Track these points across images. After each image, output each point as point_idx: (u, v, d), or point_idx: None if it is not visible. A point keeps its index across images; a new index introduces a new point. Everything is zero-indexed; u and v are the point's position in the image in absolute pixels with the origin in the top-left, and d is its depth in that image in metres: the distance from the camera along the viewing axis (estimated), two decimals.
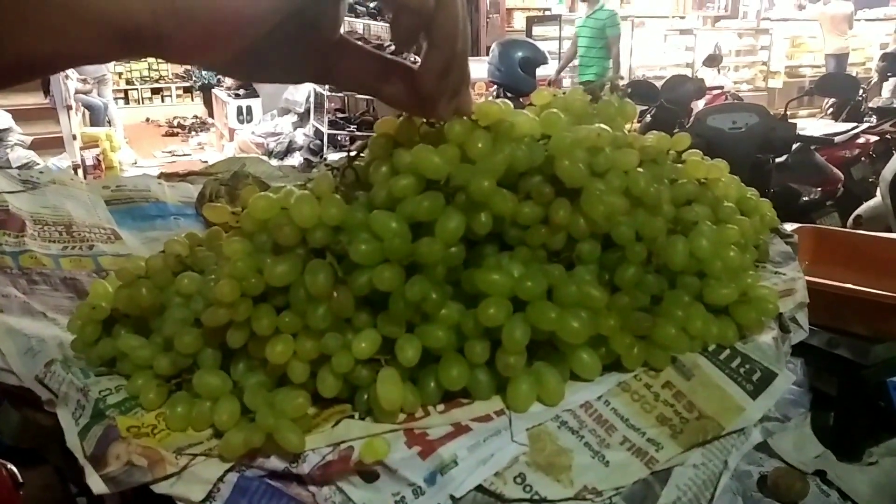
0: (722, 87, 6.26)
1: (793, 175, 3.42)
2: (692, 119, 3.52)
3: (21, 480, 0.98)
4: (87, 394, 0.47)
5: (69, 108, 6.08)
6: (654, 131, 0.64)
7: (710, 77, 6.89)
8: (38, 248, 0.70)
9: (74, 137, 6.25)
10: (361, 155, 0.55)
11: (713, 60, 6.89)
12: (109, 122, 7.87)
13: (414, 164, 0.48)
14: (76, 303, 0.63)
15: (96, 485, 0.42)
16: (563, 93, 0.61)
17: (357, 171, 0.53)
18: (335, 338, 0.45)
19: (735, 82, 8.60)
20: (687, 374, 0.49)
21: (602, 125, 0.53)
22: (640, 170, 0.53)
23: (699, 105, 5.05)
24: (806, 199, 3.48)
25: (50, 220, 0.75)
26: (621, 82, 0.64)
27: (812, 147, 3.51)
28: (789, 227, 1.45)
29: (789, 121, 3.49)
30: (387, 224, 0.45)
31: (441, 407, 0.46)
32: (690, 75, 7.65)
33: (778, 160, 3.29)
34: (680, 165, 0.62)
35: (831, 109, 5.44)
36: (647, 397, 0.47)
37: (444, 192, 0.46)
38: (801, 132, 3.45)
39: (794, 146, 3.37)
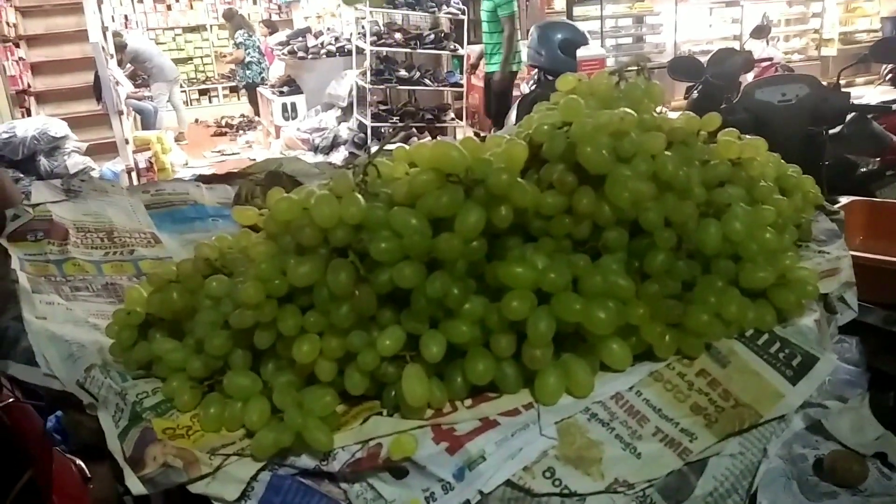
0: (771, 59, 6.07)
1: (849, 146, 3.29)
2: (739, 93, 3.42)
3: (89, 475, 1.02)
4: (125, 397, 0.49)
5: (121, 113, 6.24)
6: (691, 114, 0.62)
7: (758, 49, 6.68)
8: (81, 255, 0.72)
9: (127, 142, 6.41)
10: (386, 150, 0.55)
11: (761, 31, 6.66)
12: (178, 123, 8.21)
13: (433, 158, 0.47)
14: (117, 307, 0.65)
15: (135, 486, 0.43)
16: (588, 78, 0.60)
17: (378, 167, 0.53)
18: (360, 336, 0.45)
19: (785, 53, 8.33)
20: (722, 361, 0.48)
21: (627, 109, 0.51)
22: (668, 153, 0.51)
23: (748, 79, 4.90)
24: (864, 170, 3.35)
25: (92, 227, 0.77)
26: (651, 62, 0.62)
27: (869, 116, 3.37)
28: (844, 199, 1.40)
29: (843, 90, 3.36)
30: (406, 221, 0.45)
31: (468, 401, 0.46)
32: (738, 48, 7.43)
33: (832, 131, 3.18)
34: (712, 146, 0.60)
35: (890, 76, 5.22)
36: (681, 386, 0.46)
37: (463, 185, 0.46)
38: (856, 101, 3.32)
39: (849, 116, 3.25)
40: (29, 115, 6.41)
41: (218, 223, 0.88)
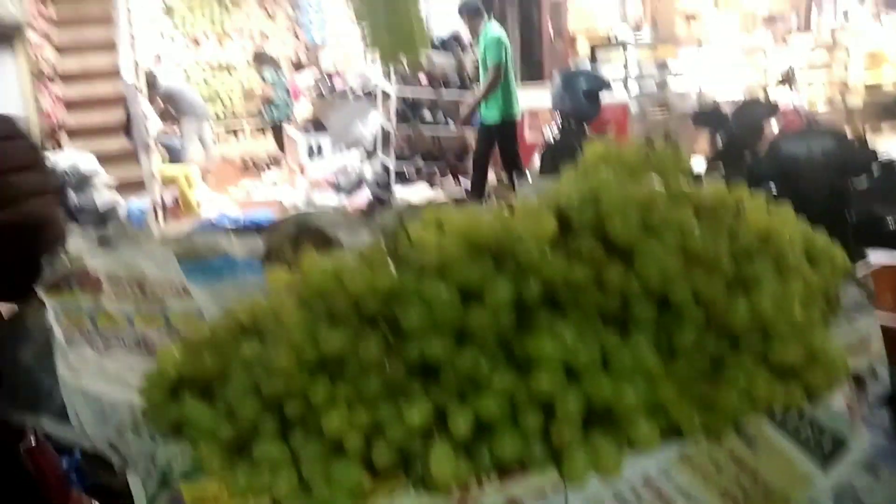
0: (795, 107, 6.07)
1: (878, 200, 3.27)
2: (764, 143, 3.43)
3: None
4: (155, 460, 0.49)
5: (149, 149, 6.38)
6: (719, 182, 0.63)
7: (782, 97, 6.70)
8: (113, 306, 0.73)
9: (154, 177, 6.54)
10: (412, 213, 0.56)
11: (786, 80, 6.71)
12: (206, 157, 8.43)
13: (463, 227, 0.48)
14: (147, 362, 0.65)
15: None
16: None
17: (408, 232, 0.53)
18: (388, 408, 0.45)
19: (810, 101, 8.33)
20: (751, 443, 0.48)
21: (655, 181, 0.52)
22: (696, 226, 0.52)
23: (772, 125, 4.91)
24: (892, 223, 3.32)
25: (124, 278, 0.79)
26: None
27: None
28: (872, 257, 1.38)
29: (869, 141, 3.35)
30: (436, 291, 0.46)
31: (495, 479, 0.46)
32: (762, 95, 7.46)
33: (859, 185, 3.16)
34: (740, 217, 0.60)
35: None
36: (710, 469, 0.46)
37: (493, 256, 0.47)
38: (883, 153, 3.31)
39: (876, 169, 3.23)
40: (60, 149, 6.57)
41: (247, 276, 0.89)
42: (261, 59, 9.46)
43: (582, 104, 4.00)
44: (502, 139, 5.54)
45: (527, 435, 0.45)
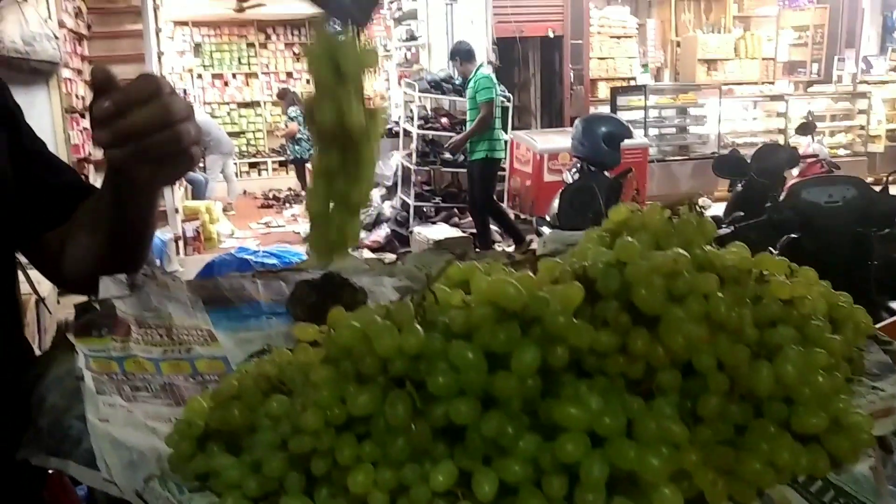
0: (816, 156, 6.07)
1: None
2: (785, 192, 3.43)
3: None
4: None
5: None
6: (742, 247, 0.63)
7: (803, 145, 6.70)
8: (141, 352, 0.75)
9: (177, 211, 6.63)
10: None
11: (806, 129, 6.70)
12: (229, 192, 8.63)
13: (490, 292, 0.49)
14: (174, 410, 0.66)
15: None
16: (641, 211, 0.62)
17: (435, 293, 0.55)
18: (413, 469, 0.46)
19: (831, 148, 8.32)
20: None
21: (680, 249, 0.53)
22: (720, 294, 0.52)
23: (792, 174, 4.90)
24: None
25: (152, 323, 0.80)
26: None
27: None
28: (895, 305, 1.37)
29: (890, 190, 3.34)
30: (463, 355, 0.46)
31: None
32: (782, 142, 7.46)
33: (881, 232, 3.15)
34: (764, 284, 0.60)
35: None
36: None
37: (520, 322, 0.47)
38: None
39: None
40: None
41: (272, 321, 0.90)
42: (286, 97, 9.65)
43: (602, 152, 4.02)
44: (482, 178, 5.75)
45: (551, 499, 0.46)
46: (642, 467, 0.45)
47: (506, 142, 6.03)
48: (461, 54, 6.12)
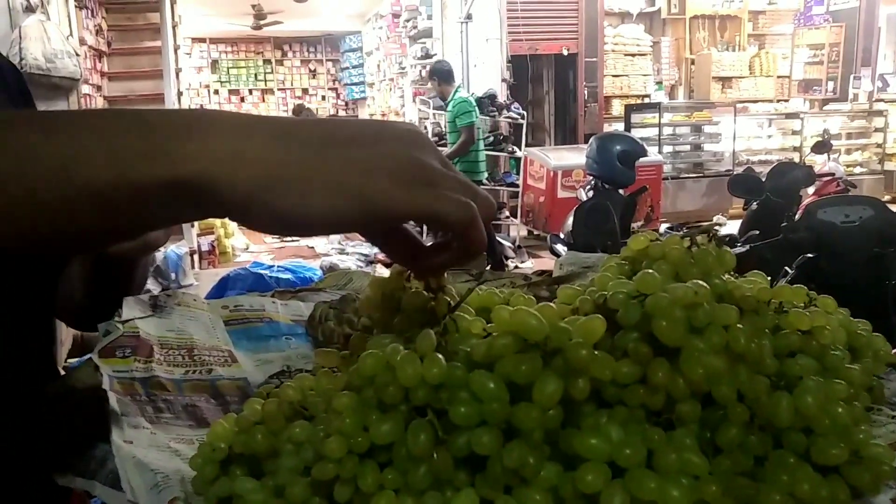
0: (833, 174, 6.04)
1: None
2: (801, 212, 3.41)
3: None
4: None
5: None
6: (760, 276, 0.64)
7: (819, 163, 6.67)
8: (164, 373, 0.76)
9: (192, 225, 6.69)
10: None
11: (822, 147, 6.68)
12: None
13: (512, 323, 0.50)
14: (196, 431, 0.67)
15: None
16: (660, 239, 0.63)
17: (457, 323, 0.55)
18: (435, 497, 0.47)
19: (847, 166, 8.28)
20: None
21: (700, 282, 0.53)
22: (739, 325, 0.53)
23: (808, 192, 4.88)
24: None
25: (175, 344, 0.82)
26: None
27: None
28: None
29: None
30: (485, 385, 0.47)
31: None
32: (797, 160, 7.43)
33: None
34: (783, 315, 0.61)
35: None
36: None
37: (541, 353, 0.48)
38: None
39: None
40: None
41: (291, 341, 0.92)
42: (300, 113, 9.73)
43: (617, 170, 4.02)
44: None
45: None
46: (662, 498, 0.45)
47: (486, 163, 5.99)
48: (440, 74, 6.05)
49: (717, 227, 0.63)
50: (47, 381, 0.81)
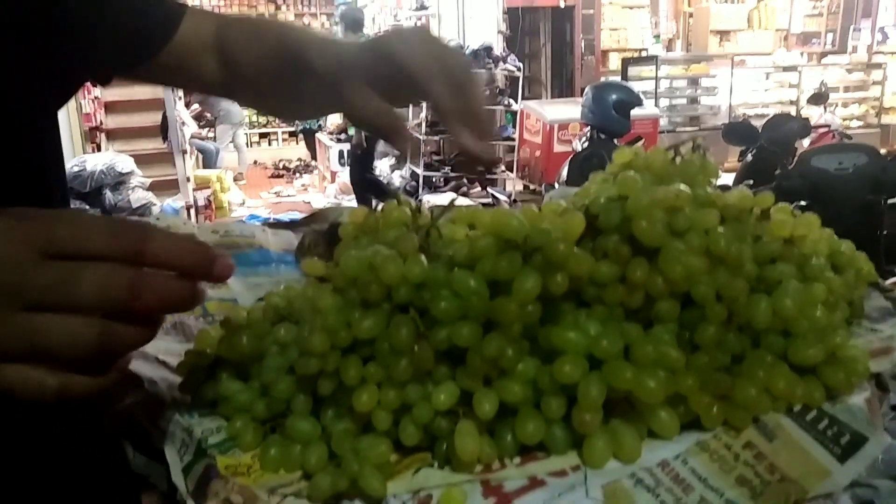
0: (829, 126, 6.00)
1: None
2: (795, 160, 3.40)
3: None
4: (192, 433, 0.51)
5: (184, 152, 6.50)
6: (745, 190, 0.64)
7: (815, 115, 6.63)
8: None
9: (188, 179, 6.66)
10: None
11: (819, 98, 6.63)
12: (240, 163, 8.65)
13: (493, 224, 0.50)
14: (184, 346, 0.68)
15: None
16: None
17: (440, 230, 0.56)
18: (416, 389, 0.47)
19: (844, 119, 8.23)
20: (769, 435, 0.49)
21: (682, 185, 0.53)
22: (721, 229, 0.53)
23: (804, 145, 4.86)
24: None
25: None
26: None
27: None
28: None
29: None
30: (466, 282, 0.48)
31: (517, 460, 0.47)
32: (794, 113, 7.37)
33: (892, 200, 3.12)
34: (766, 223, 0.61)
35: None
36: (727, 457, 0.47)
37: (521, 252, 0.48)
38: None
39: None
40: (99, 150, 6.70)
41: (281, 268, 0.92)
42: None
43: (612, 119, 3.99)
44: (357, 152, 5.77)
45: (549, 419, 0.47)
46: (639, 388, 0.46)
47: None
48: (348, 22, 5.66)
49: (701, 140, 0.63)
50: None
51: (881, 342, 0.63)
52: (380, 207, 0.63)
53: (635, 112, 4.43)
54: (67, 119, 6.10)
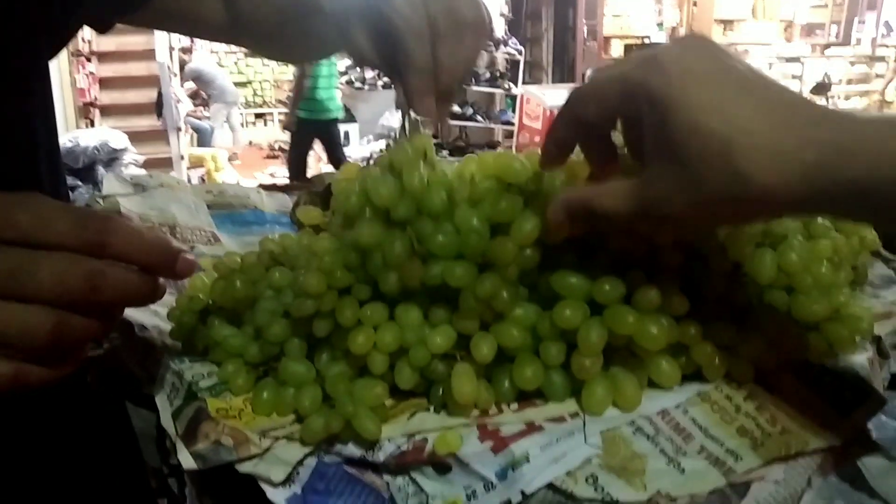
0: None
1: None
2: None
3: None
4: (182, 377, 0.50)
5: (179, 130, 6.46)
6: None
7: None
8: None
9: (182, 158, 6.62)
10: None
11: (821, 89, 6.60)
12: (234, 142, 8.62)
13: (496, 167, 0.49)
14: (175, 297, 0.67)
15: (186, 461, 0.45)
16: None
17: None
18: (413, 331, 0.46)
19: None
20: (771, 388, 0.48)
21: None
22: None
23: None
24: None
25: (156, 222, 0.81)
26: None
27: None
28: None
29: None
30: (468, 220, 0.46)
31: (515, 406, 0.46)
32: None
33: None
34: None
35: None
36: (728, 408, 0.46)
37: (523, 195, 0.47)
38: None
39: None
40: (92, 126, 6.65)
41: (275, 229, 0.91)
42: None
43: None
44: (295, 137, 5.79)
45: (547, 365, 0.46)
46: (640, 334, 0.45)
47: (328, 103, 5.62)
48: None
49: None
50: None
51: (883, 307, 0.63)
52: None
53: None
54: (61, 94, 6.06)
